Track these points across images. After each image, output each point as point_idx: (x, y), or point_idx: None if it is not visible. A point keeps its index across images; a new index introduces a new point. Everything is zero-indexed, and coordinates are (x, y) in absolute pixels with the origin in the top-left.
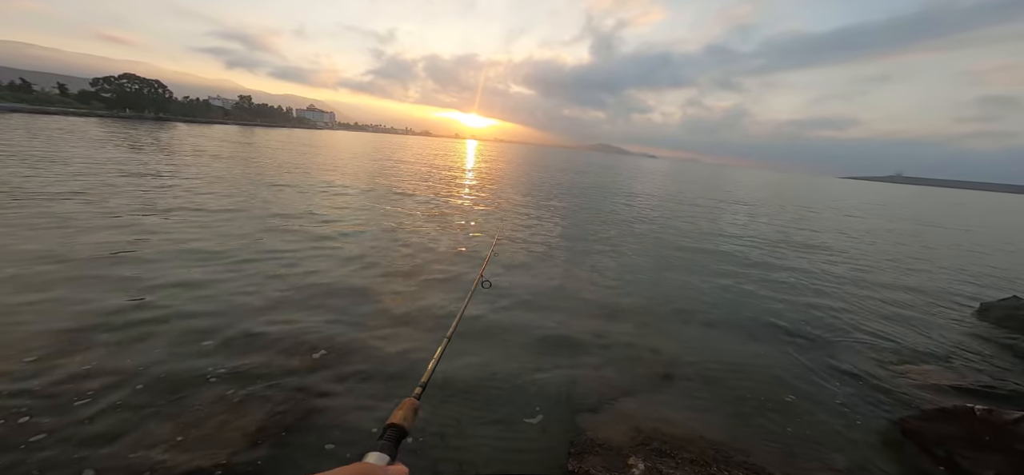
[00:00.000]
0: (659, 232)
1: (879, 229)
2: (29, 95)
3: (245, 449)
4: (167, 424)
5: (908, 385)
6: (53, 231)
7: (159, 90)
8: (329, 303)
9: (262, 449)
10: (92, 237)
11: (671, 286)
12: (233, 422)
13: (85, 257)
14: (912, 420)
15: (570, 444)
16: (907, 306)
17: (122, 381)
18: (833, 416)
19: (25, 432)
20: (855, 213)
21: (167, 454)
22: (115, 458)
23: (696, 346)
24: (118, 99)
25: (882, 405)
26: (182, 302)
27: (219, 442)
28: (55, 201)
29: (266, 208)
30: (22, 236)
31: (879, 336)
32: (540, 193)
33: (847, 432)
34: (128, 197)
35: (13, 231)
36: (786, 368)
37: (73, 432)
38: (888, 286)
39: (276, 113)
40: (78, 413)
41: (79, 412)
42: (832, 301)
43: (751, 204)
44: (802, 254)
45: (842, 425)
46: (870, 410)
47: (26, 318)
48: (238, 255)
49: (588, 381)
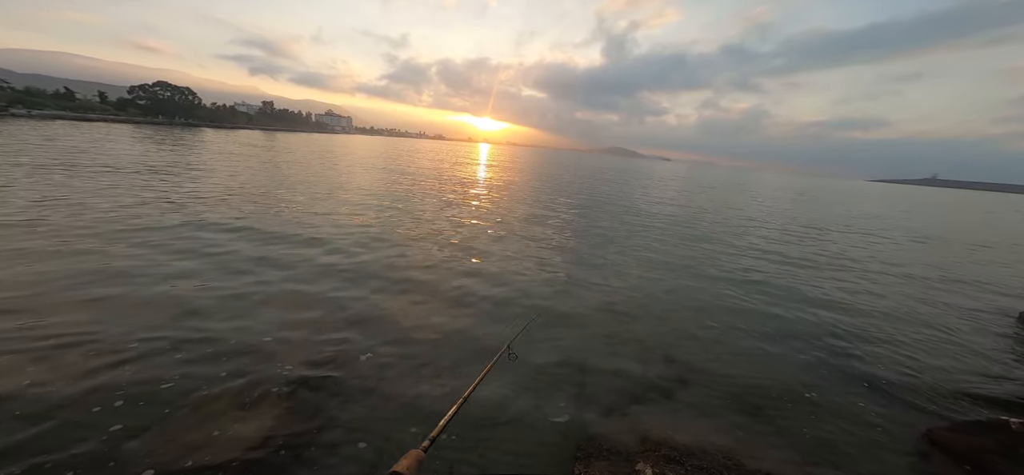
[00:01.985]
0: (674, 234)
1: (907, 233)
2: (72, 103)
3: (257, 451)
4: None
5: (937, 395)
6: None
7: (189, 97)
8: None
9: (273, 453)
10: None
11: (686, 293)
12: (248, 422)
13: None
14: (941, 431)
15: (577, 448)
16: (939, 314)
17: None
18: (855, 425)
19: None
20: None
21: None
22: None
23: (712, 354)
24: (152, 105)
25: (908, 415)
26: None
27: (233, 441)
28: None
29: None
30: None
31: (908, 344)
32: (558, 202)
33: (870, 442)
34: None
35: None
36: (806, 376)
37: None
38: (919, 294)
39: (296, 118)
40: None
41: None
42: (858, 308)
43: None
44: (829, 260)
45: (865, 434)
46: (895, 419)
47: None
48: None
49: (597, 386)
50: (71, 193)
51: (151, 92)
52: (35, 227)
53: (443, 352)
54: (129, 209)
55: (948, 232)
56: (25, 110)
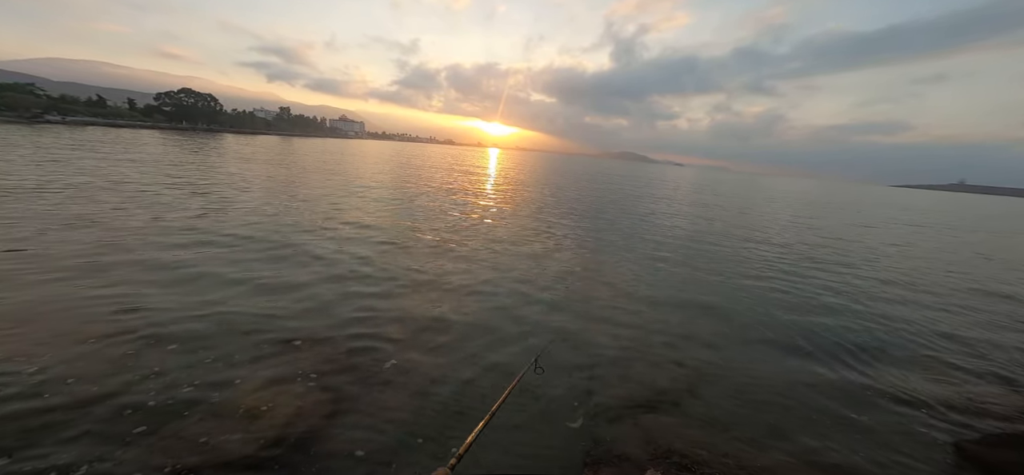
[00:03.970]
0: (691, 235)
1: (938, 241)
2: (103, 109)
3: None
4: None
5: (969, 407)
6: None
7: (211, 103)
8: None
9: (294, 447)
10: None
11: (701, 302)
12: (274, 412)
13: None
14: (972, 444)
15: (586, 454)
16: (971, 325)
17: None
18: (880, 435)
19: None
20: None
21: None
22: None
23: (727, 360)
24: (176, 112)
25: (938, 427)
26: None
27: (260, 428)
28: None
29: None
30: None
31: (938, 355)
32: (574, 209)
33: (896, 453)
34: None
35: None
36: (829, 384)
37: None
38: (951, 304)
39: (311, 123)
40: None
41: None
42: (886, 317)
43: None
44: (854, 268)
45: (890, 445)
46: (924, 431)
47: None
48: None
49: (607, 392)
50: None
51: (176, 99)
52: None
53: (464, 363)
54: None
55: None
56: (59, 116)
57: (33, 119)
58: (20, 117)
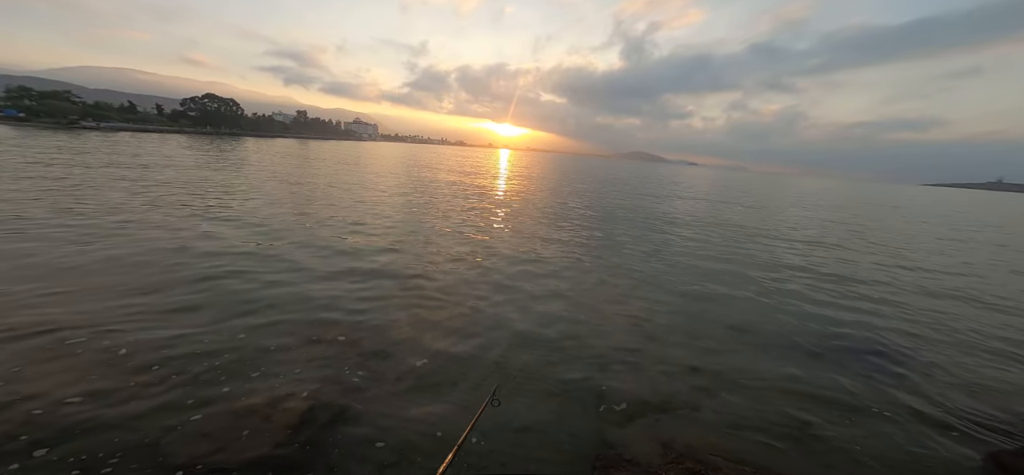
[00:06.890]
0: (703, 241)
1: (973, 243)
2: (134, 115)
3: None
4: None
5: (1004, 416)
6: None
7: (233, 108)
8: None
9: (303, 445)
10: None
11: (718, 304)
12: (279, 412)
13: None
14: (1008, 454)
15: (596, 457)
16: (1005, 331)
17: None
18: (909, 444)
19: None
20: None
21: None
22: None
23: (745, 365)
24: (201, 117)
25: (971, 436)
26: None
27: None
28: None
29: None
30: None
31: (972, 362)
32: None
33: (925, 462)
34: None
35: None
36: (854, 390)
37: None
38: (984, 308)
39: (327, 126)
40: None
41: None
42: (916, 323)
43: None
44: (882, 269)
45: (919, 455)
46: (956, 440)
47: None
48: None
49: (618, 395)
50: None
51: (200, 104)
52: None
53: (467, 366)
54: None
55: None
56: (94, 122)
57: (70, 125)
58: (58, 123)
